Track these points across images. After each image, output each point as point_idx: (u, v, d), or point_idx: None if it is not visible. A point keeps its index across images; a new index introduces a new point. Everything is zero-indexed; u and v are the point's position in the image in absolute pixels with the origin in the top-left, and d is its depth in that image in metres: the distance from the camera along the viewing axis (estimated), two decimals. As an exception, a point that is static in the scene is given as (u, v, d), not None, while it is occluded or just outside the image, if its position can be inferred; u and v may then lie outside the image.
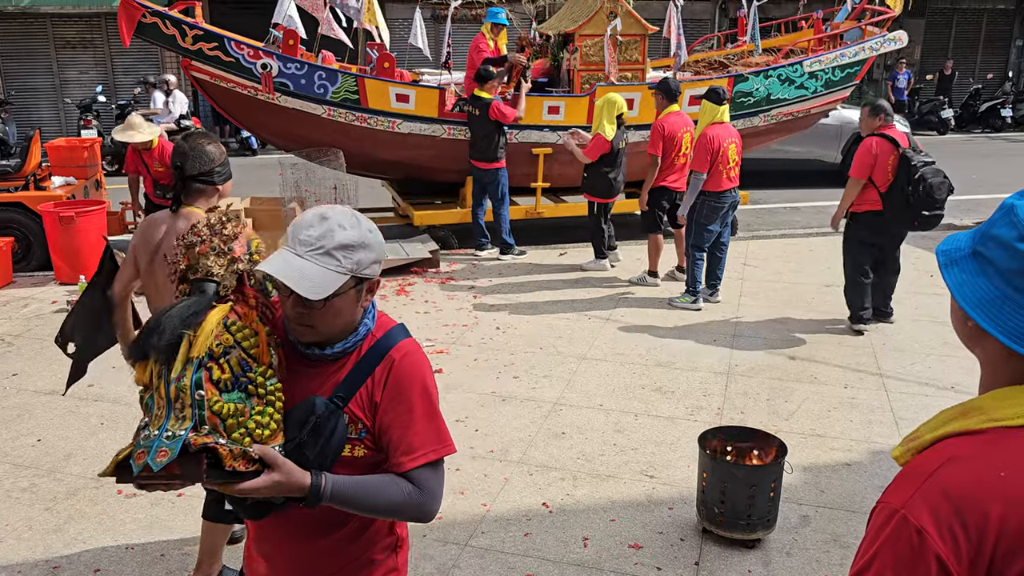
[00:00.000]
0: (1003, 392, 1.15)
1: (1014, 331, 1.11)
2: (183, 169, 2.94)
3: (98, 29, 17.25)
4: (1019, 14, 21.61)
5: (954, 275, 1.19)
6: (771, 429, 4.56)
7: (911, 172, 5.72)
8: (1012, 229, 1.13)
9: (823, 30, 9.93)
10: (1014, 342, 1.11)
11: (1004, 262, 1.13)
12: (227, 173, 3.07)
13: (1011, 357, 1.14)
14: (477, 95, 7.98)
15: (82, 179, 8.58)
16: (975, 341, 1.20)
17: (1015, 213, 1.14)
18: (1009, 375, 1.16)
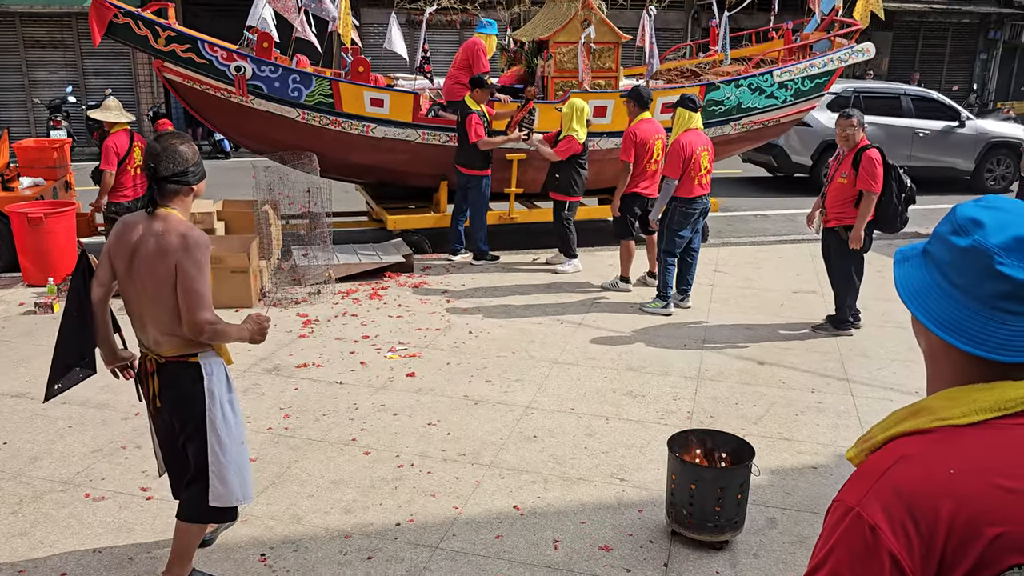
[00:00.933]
0: (951, 392, 1.20)
1: (938, 317, 1.18)
2: (156, 170, 2.93)
3: (68, 29, 17.05)
4: (983, 28, 22.09)
5: (902, 269, 1.26)
6: (740, 433, 4.62)
7: (902, 180, 5.97)
8: (948, 224, 1.21)
9: (793, 41, 10.09)
10: (937, 327, 1.17)
11: (939, 254, 1.21)
12: (201, 172, 3.05)
13: (948, 348, 1.20)
14: (463, 101, 8.01)
15: (51, 180, 8.48)
16: (920, 335, 1.26)
17: (954, 211, 1.22)
18: (950, 368, 1.21)
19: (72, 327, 3.12)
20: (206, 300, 2.91)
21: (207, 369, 3.04)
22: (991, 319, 1.15)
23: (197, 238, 2.91)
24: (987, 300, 1.15)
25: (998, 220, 1.17)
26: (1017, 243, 1.14)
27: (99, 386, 5.20)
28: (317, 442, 4.58)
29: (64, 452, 4.45)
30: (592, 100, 8.63)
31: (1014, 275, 1.14)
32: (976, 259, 1.16)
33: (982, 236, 1.16)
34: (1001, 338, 1.15)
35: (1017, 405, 1.16)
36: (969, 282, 1.16)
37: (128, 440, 4.57)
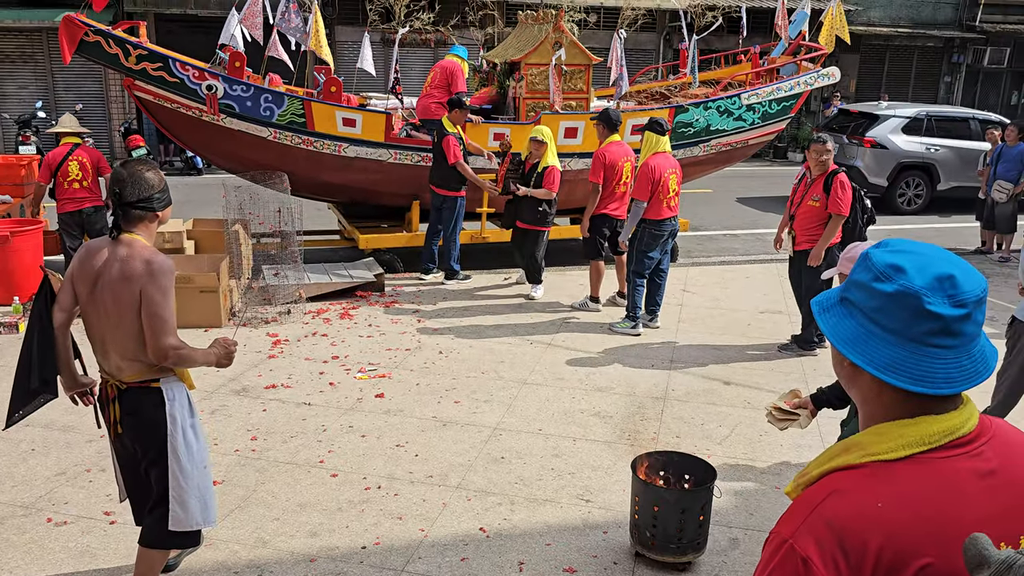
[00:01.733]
0: (879, 428, 1.26)
1: (878, 361, 1.24)
2: (122, 196, 2.94)
3: (39, 44, 16.91)
4: (947, 52, 22.59)
5: (826, 320, 1.32)
6: (704, 453, 4.69)
7: (864, 203, 6.22)
8: (868, 272, 1.27)
9: (760, 64, 10.27)
10: (880, 371, 1.23)
11: (865, 301, 1.27)
12: (166, 200, 3.07)
13: (881, 392, 1.26)
14: (441, 121, 8.04)
15: (18, 197, 8.41)
16: (852, 380, 1.32)
17: (870, 259, 1.29)
18: (883, 409, 1.27)
19: (34, 352, 3.11)
20: (170, 325, 2.92)
21: (169, 394, 3.05)
22: (927, 356, 1.22)
23: (161, 264, 2.92)
24: (920, 339, 1.22)
25: (917, 263, 1.24)
26: (939, 282, 1.22)
27: (63, 408, 5.15)
28: (284, 464, 4.57)
29: (26, 476, 4.40)
30: (563, 121, 8.74)
31: (942, 312, 1.21)
32: (905, 302, 1.22)
33: (906, 280, 1.23)
34: (940, 372, 1.22)
35: (941, 439, 1.23)
36: (901, 325, 1.23)
37: (92, 463, 4.53)
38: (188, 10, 16.57)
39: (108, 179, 7.07)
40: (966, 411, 1.25)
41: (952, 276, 1.22)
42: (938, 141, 13.24)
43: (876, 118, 13.53)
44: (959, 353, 1.22)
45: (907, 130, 13.26)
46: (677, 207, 6.90)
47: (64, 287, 3.07)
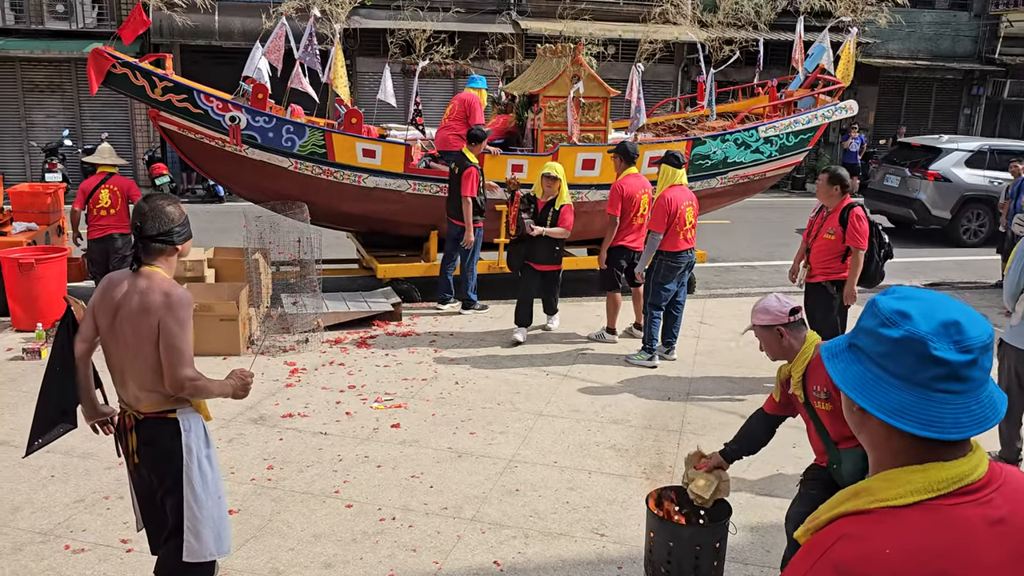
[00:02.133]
0: (888, 474, 1.27)
1: (886, 407, 1.25)
2: (142, 229, 3.00)
3: (67, 74, 17.28)
4: (966, 84, 22.58)
5: (835, 366, 1.34)
6: (720, 488, 4.66)
7: (881, 237, 6.11)
8: (875, 318, 1.30)
9: (778, 97, 10.32)
10: (888, 416, 1.24)
11: (872, 347, 1.29)
12: (186, 233, 3.12)
13: (890, 437, 1.28)
14: (463, 153, 8.10)
15: (44, 225, 8.56)
16: (861, 425, 1.33)
17: (876, 305, 1.31)
18: (892, 455, 1.28)
19: (55, 381, 3.17)
20: (187, 357, 2.96)
21: (185, 425, 3.09)
22: (935, 402, 1.23)
23: (180, 296, 2.97)
24: (928, 384, 1.23)
25: (922, 309, 1.26)
26: (945, 328, 1.24)
27: (83, 435, 5.20)
28: (300, 494, 4.59)
29: (46, 502, 4.45)
30: (581, 153, 8.80)
31: (949, 358, 1.23)
32: (911, 347, 1.24)
33: (912, 326, 1.24)
34: (948, 418, 1.23)
35: (948, 485, 1.24)
36: (908, 370, 1.24)
37: (111, 490, 4.57)
38: (213, 42, 16.89)
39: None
40: (975, 458, 1.26)
41: (958, 322, 1.24)
42: (1001, 174, 13.25)
43: (939, 151, 13.69)
44: (967, 399, 1.23)
45: (970, 163, 13.45)
46: (694, 239, 6.92)
47: (86, 318, 3.13)
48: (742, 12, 19.07)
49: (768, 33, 18.45)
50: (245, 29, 16.56)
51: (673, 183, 6.80)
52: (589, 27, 17.95)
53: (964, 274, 10.97)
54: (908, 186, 13.49)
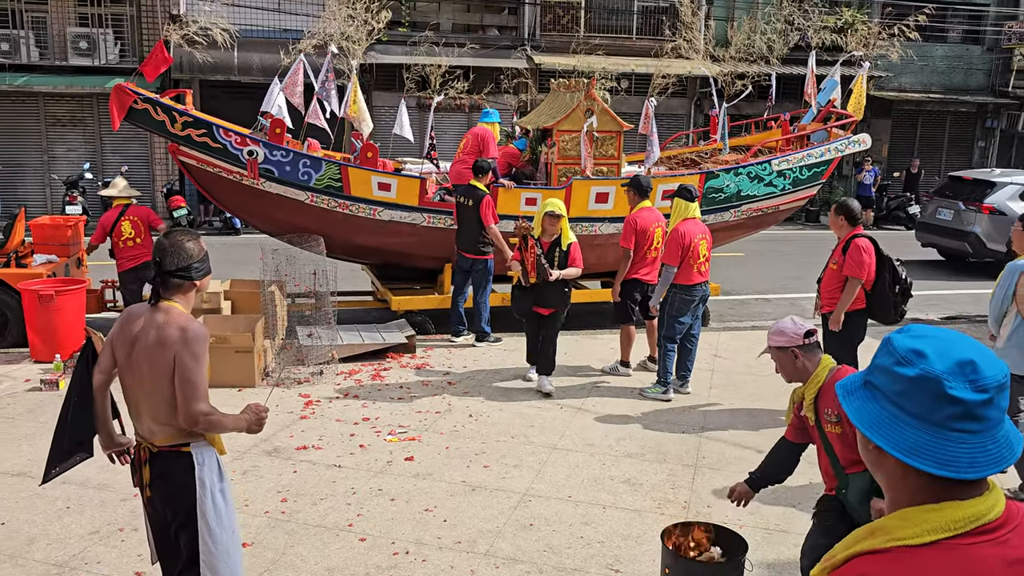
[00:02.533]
0: (905, 513, 1.27)
1: (902, 445, 1.26)
2: (162, 264, 3.05)
3: (89, 109, 17.60)
4: (980, 117, 22.60)
5: (850, 403, 1.34)
6: (736, 524, 4.61)
7: (896, 273, 6.05)
8: (890, 356, 1.30)
9: (790, 131, 10.37)
10: (904, 455, 1.25)
11: (887, 385, 1.30)
12: (205, 269, 3.15)
13: (906, 476, 1.28)
14: (474, 185, 8.20)
15: (64, 257, 8.66)
16: (877, 464, 1.33)
17: (892, 344, 1.32)
18: (908, 494, 1.28)
19: (73, 412, 3.20)
20: (202, 391, 2.98)
21: (199, 459, 3.09)
22: (951, 441, 1.23)
23: (196, 331, 2.99)
24: (943, 423, 1.24)
25: (937, 348, 1.26)
26: (960, 367, 1.24)
27: (99, 466, 5.23)
28: (313, 527, 4.58)
29: (61, 533, 4.46)
30: (594, 186, 8.86)
31: (964, 397, 1.23)
32: (927, 387, 1.25)
33: (928, 365, 1.25)
34: (964, 457, 1.23)
35: (965, 525, 1.23)
36: (924, 409, 1.25)
37: (125, 522, 4.58)
38: (232, 77, 17.17)
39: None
40: (992, 497, 1.26)
41: (973, 361, 1.24)
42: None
43: (992, 185, 13.84)
44: (984, 438, 1.23)
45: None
46: (708, 272, 6.93)
47: (104, 349, 3.17)
48: (754, 47, 19.23)
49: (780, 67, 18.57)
50: (264, 65, 16.84)
51: (686, 216, 6.84)
52: (602, 62, 18.15)
53: (980, 307, 10.89)
54: (962, 219, 13.60)
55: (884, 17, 19.98)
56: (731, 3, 20.48)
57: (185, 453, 3.09)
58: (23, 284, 7.66)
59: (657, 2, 20.34)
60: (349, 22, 16.53)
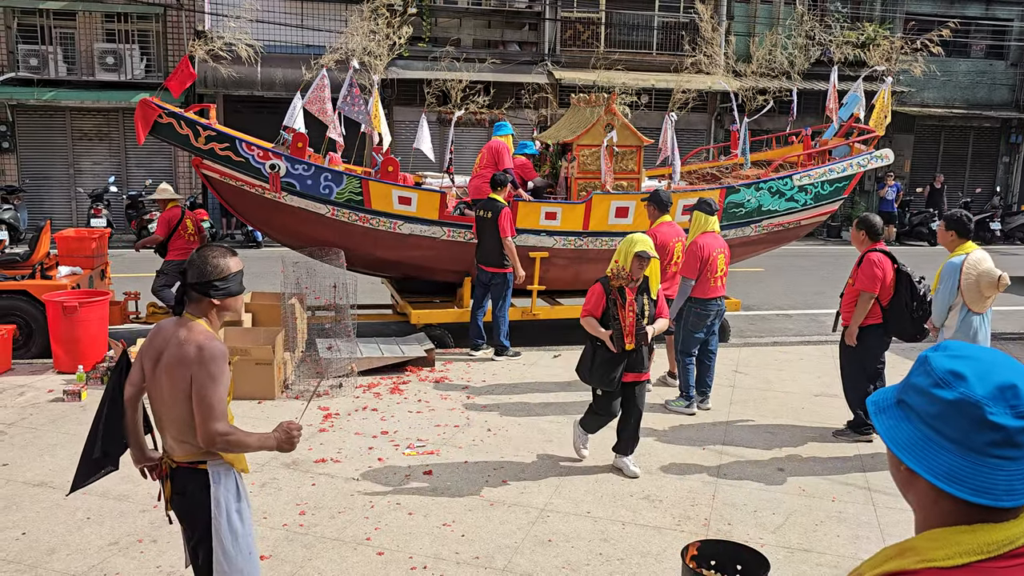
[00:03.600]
0: (936, 533, 1.24)
1: (937, 470, 1.21)
2: (186, 275, 3.04)
3: (115, 123, 17.85)
4: (1004, 132, 22.37)
5: (883, 422, 1.30)
6: (758, 541, 4.56)
7: (914, 288, 6.00)
8: (927, 377, 1.25)
9: (812, 146, 10.31)
10: (939, 480, 1.21)
11: (923, 407, 1.25)
12: (227, 289, 3.03)
13: (939, 500, 1.24)
14: (493, 198, 8.22)
15: (88, 269, 8.76)
16: (908, 485, 1.29)
17: (929, 363, 1.27)
18: (939, 517, 1.25)
19: (104, 424, 3.21)
20: (218, 411, 2.91)
21: (215, 477, 3.03)
22: (989, 467, 1.19)
23: (212, 350, 2.92)
24: (982, 449, 1.19)
25: (978, 370, 1.21)
26: (1001, 391, 1.19)
27: (119, 477, 5.25)
28: (331, 540, 4.57)
29: (81, 544, 4.48)
30: (614, 201, 8.84)
31: (1005, 423, 1.18)
32: (965, 411, 1.20)
33: (967, 388, 1.20)
34: (1002, 484, 1.18)
35: (999, 548, 1.20)
36: (962, 434, 1.20)
37: (144, 534, 4.59)
38: (255, 92, 17.36)
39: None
40: None
41: (1015, 386, 1.19)
42: None
43: None
44: (1021, 464, 1.19)
45: None
46: (724, 287, 6.90)
47: (135, 362, 3.16)
48: (775, 62, 19.18)
49: (802, 82, 18.52)
50: (286, 80, 17.02)
51: (706, 230, 6.82)
52: (622, 77, 18.17)
53: (1008, 324, 10.75)
54: None
55: (907, 32, 19.87)
56: (752, 18, 20.45)
57: (202, 470, 3.03)
58: (47, 295, 7.74)
59: (677, 17, 20.36)
60: (371, 37, 16.67)
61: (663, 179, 10.06)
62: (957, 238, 5.90)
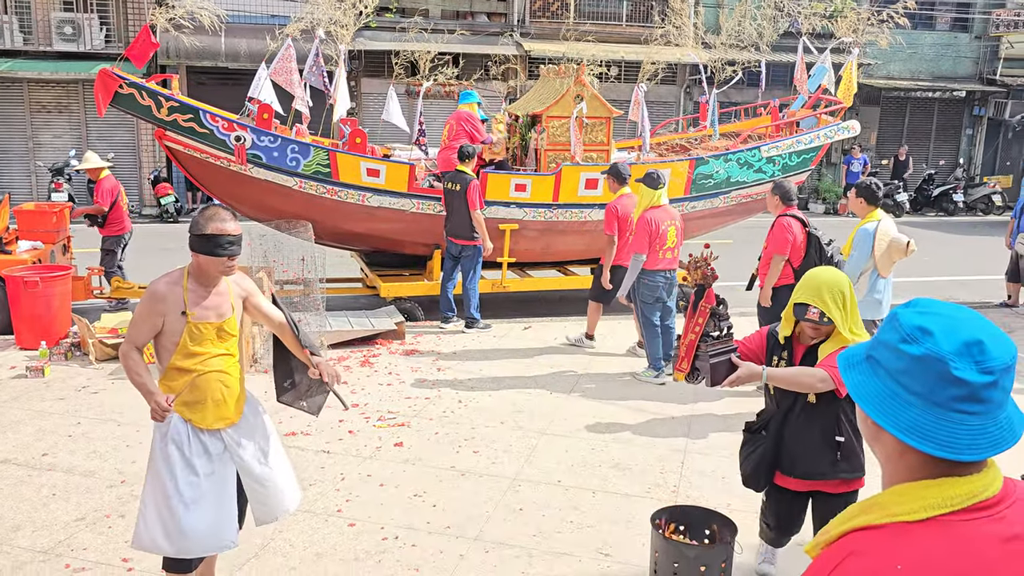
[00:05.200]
0: (901, 488, 1.25)
1: (902, 424, 1.23)
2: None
3: (75, 95, 17.41)
4: (968, 105, 22.65)
5: (852, 377, 1.32)
6: (726, 508, 4.62)
7: (823, 250, 6.32)
8: (895, 333, 1.27)
9: (780, 117, 10.36)
10: (903, 434, 1.22)
11: (890, 362, 1.26)
12: (196, 247, 3.27)
13: (904, 454, 1.25)
14: (460, 170, 8.17)
15: (49, 243, 8.58)
16: (875, 439, 1.31)
17: (898, 319, 1.28)
18: (906, 470, 1.26)
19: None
20: (130, 334, 3.33)
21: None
22: (952, 422, 1.20)
23: (149, 287, 3.33)
24: (946, 404, 1.20)
25: (945, 326, 1.23)
26: (967, 347, 1.20)
27: (85, 454, 5.21)
28: (302, 513, 4.56)
29: (47, 520, 4.43)
30: (584, 172, 8.83)
31: (969, 379, 1.20)
32: (931, 366, 1.21)
33: (933, 344, 1.21)
34: (964, 439, 1.20)
35: (963, 501, 1.22)
36: (927, 389, 1.21)
37: (112, 509, 4.55)
38: (219, 63, 17.01)
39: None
40: (990, 474, 1.24)
41: (981, 342, 1.21)
42: None
43: None
44: (984, 420, 1.21)
45: None
46: (675, 259, 6.96)
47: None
48: (744, 33, 19.18)
49: (770, 54, 18.54)
50: (251, 51, 16.68)
51: (653, 203, 6.86)
52: (592, 49, 18.06)
53: (970, 295, 10.95)
54: None
55: (873, 3, 19.96)
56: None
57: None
58: (7, 271, 7.58)
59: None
60: (337, 6, 16.38)
61: (632, 151, 10.06)
62: (867, 205, 6.25)
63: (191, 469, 3.25)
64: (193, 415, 3.29)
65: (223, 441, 3.36)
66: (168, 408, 3.20)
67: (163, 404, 3.19)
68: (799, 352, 3.60)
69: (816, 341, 3.52)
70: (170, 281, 3.29)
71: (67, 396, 6.30)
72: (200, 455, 3.29)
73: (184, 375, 3.29)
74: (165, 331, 3.27)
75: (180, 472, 3.25)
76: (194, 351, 3.28)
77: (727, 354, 3.50)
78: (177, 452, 3.26)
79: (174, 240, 11.50)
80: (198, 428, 3.31)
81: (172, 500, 3.24)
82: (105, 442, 5.38)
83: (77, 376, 6.79)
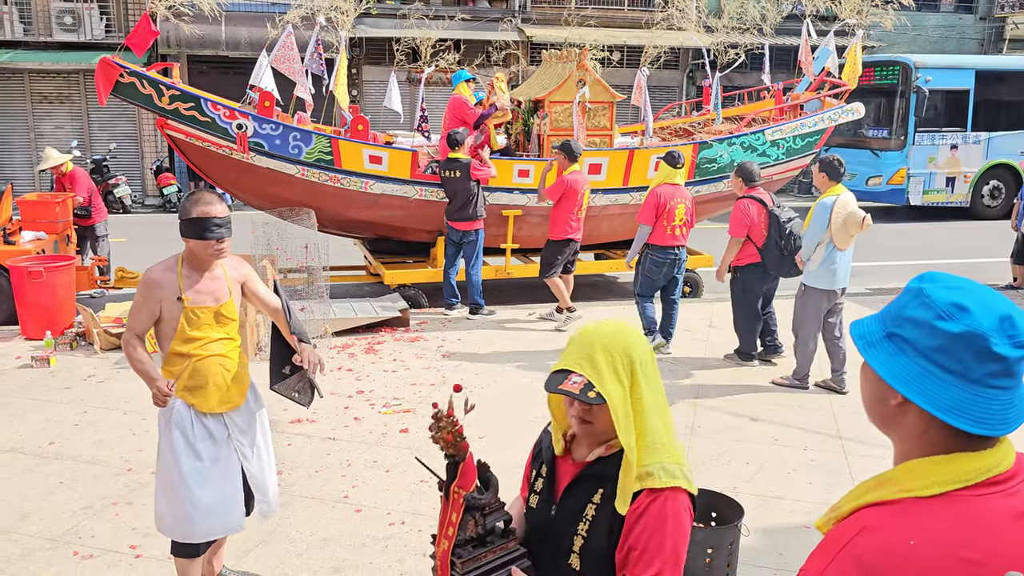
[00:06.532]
0: (914, 464, 1.24)
1: (939, 403, 1.20)
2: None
3: (76, 85, 17.39)
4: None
5: (875, 356, 1.28)
6: (732, 491, 4.62)
7: (781, 227, 6.58)
8: (928, 310, 1.23)
9: (784, 100, 10.29)
10: (942, 412, 1.20)
11: (922, 340, 1.23)
12: (185, 230, 3.31)
13: (928, 430, 1.23)
14: (454, 157, 8.15)
15: (52, 234, 8.58)
16: (896, 418, 1.27)
17: (926, 295, 1.24)
18: (923, 448, 1.25)
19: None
20: (130, 322, 3.36)
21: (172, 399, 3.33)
22: (987, 398, 1.19)
23: (144, 275, 3.36)
24: (982, 380, 1.19)
25: (979, 303, 1.21)
26: (1002, 322, 1.19)
27: (92, 441, 5.22)
28: (309, 499, 4.57)
29: (54, 509, 4.44)
30: (587, 158, 8.79)
31: (1007, 354, 1.18)
32: (971, 343, 1.19)
33: (972, 320, 1.19)
34: (998, 414, 1.19)
35: (976, 476, 1.20)
36: (963, 366, 1.19)
37: (119, 497, 4.56)
38: (220, 51, 16.97)
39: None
40: (1002, 449, 1.22)
41: (1011, 316, 1.20)
42: None
43: None
44: (1012, 394, 1.20)
45: None
46: (684, 237, 7.09)
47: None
48: (747, 16, 19.06)
49: (773, 37, 18.42)
50: (252, 39, 16.63)
51: (668, 180, 7.03)
52: (594, 33, 17.98)
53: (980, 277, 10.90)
54: None
55: (877, -15, 19.80)
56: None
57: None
58: (11, 262, 7.58)
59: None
60: (337, -6, 16.30)
61: (636, 135, 10.01)
62: (828, 180, 6.32)
63: (195, 454, 3.28)
64: (195, 400, 3.31)
65: (227, 427, 3.38)
66: (169, 393, 3.23)
67: (164, 389, 3.21)
68: (563, 476, 2.00)
69: (591, 455, 1.93)
70: (165, 268, 3.33)
71: (73, 385, 6.32)
72: (204, 439, 3.32)
73: (184, 360, 3.30)
74: (163, 317, 3.29)
75: (184, 457, 3.28)
76: (192, 336, 3.29)
77: (502, 569, 1.93)
78: (181, 437, 3.29)
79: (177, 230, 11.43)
80: (201, 413, 3.33)
81: (177, 484, 3.27)
82: (111, 431, 5.39)
83: (82, 365, 6.80)
